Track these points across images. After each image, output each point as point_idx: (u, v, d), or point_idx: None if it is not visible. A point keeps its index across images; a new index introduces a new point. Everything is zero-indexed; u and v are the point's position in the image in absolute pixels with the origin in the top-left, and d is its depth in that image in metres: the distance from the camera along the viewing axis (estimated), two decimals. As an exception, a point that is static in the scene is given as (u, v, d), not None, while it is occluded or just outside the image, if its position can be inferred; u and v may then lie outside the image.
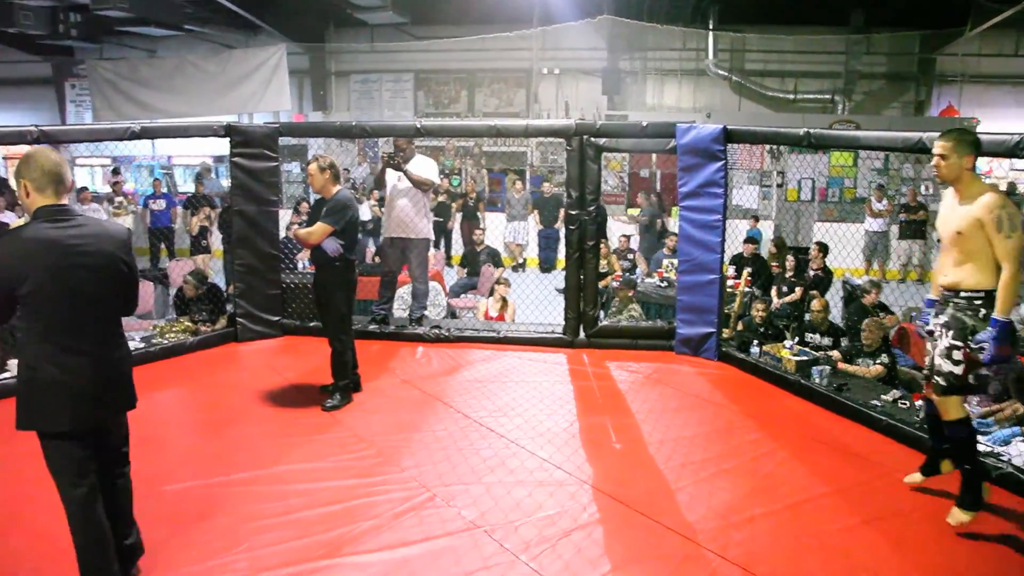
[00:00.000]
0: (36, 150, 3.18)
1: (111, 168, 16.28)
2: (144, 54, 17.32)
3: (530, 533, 3.86)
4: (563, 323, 7.15)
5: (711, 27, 14.79)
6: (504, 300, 8.08)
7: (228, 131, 7.08)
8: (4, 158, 18.30)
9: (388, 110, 16.55)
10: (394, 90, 16.64)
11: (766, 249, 11.23)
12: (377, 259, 9.51)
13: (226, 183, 15.73)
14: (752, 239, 10.38)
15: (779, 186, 14.56)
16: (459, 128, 11.16)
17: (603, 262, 8.79)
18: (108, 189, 14.39)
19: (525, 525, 3.93)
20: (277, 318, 7.37)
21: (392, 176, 7.07)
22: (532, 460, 4.69)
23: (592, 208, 6.95)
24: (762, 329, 7.39)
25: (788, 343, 6.65)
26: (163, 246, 12.98)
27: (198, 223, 11.47)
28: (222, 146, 7.28)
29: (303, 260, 9.19)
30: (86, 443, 3.15)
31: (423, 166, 7.05)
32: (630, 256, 11.42)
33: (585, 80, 16.00)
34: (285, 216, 9.45)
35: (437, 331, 7.20)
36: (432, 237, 7.48)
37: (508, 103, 16.40)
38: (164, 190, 13.73)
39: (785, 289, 9.19)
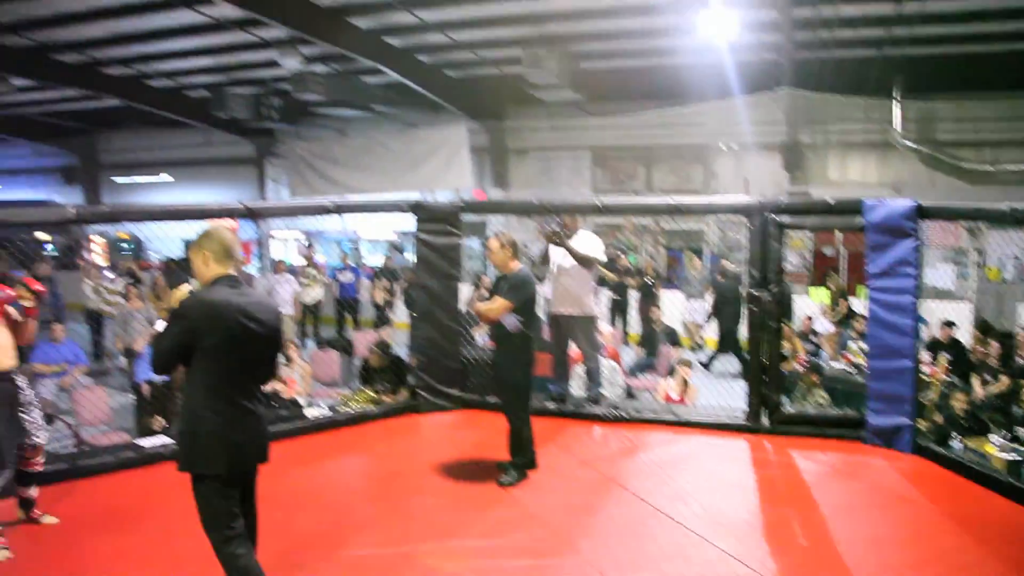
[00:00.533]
0: (216, 227, 3.64)
1: (305, 243, 17.46)
2: (336, 134, 18.62)
3: (711, 630, 3.74)
4: (745, 408, 6.96)
5: (896, 96, 14.23)
6: (685, 382, 7.97)
7: (414, 208, 7.47)
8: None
9: (566, 187, 16.85)
10: (572, 167, 16.96)
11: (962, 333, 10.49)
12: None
13: (410, 257, 16.54)
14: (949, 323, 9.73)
15: (979, 265, 13.65)
16: (639, 206, 11.22)
17: (786, 345, 8.51)
18: (301, 261, 15.39)
19: (705, 621, 3.82)
20: (456, 392, 7.57)
21: (557, 253, 7.18)
22: (711, 551, 4.55)
23: (775, 288, 6.79)
24: (963, 422, 6.89)
25: (995, 438, 6.16)
26: (348, 316, 13.68)
27: (383, 295, 12.07)
28: (407, 222, 7.66)
29: (482, 335, 9.44)
30: (234, 490, 3.48)
31: (587, 242, 7.12)
32: (813, 338, 10.99)
33: (764, 155, 15.74)
34: (465, 291, 9.76)
35: (615, 411, 7.17)
36: (597, 314, 7.52)
37: (686, 179, 16.35)
38: (351, 263, 14.55)
39: (989, 378, 8.55)
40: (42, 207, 14.94)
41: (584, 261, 7.02)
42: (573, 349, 7.45)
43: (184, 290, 3.57)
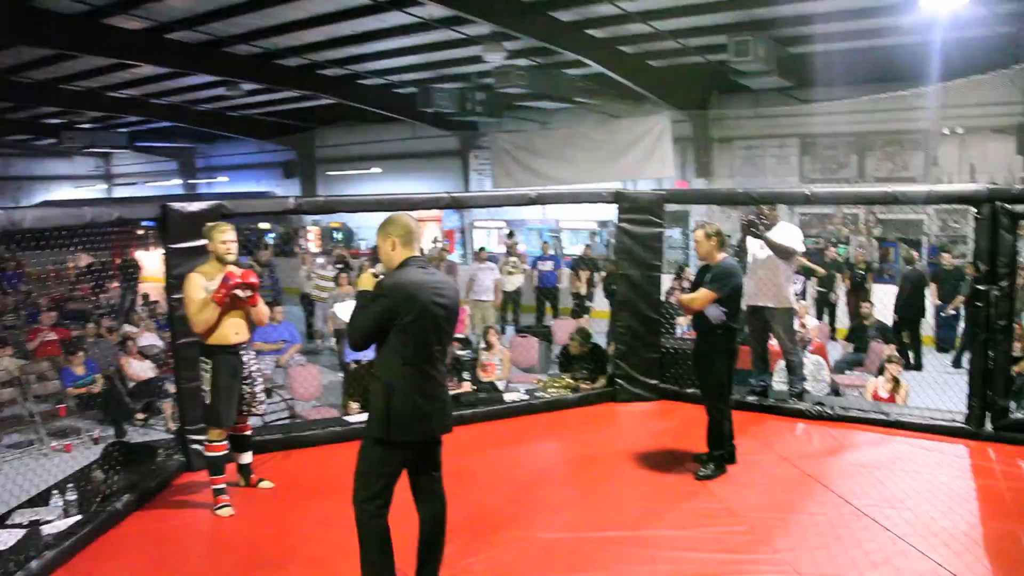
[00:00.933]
0: (399, 214, 3.85)
1: (506, 232, 17.95)
2: (538, 126, 18.98)
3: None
4: (965, 411, 6.49)
5: None
6: (896, 380, 7.54)
7: (617, 197, 7.53)
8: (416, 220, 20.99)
9: (772, 176, 16.34)
10: (779, 155, 16.42)
11: None
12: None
13: (611, 247, 16.55)
14: None
15: None
16: (851, 195, 10.67)
17: (1017, 345, 7.85)
18: (503, 250, 15.83)
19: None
20: (655, 381, 7.57)
21: (754, 244, 6.99)
22: (923, 562, 4.30)
23: (1005, 284, 6.27)
24: None
25: None
26: (548, 304, 13.95)
27: (583, 284, 12.23)
28: (608, 211, 7.73)
29: (682, 325, 9.37)
30: (406, 458, 3.69)
31: (785, 233, 6.88)
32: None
33: (995, 139, 14.51)
34: (666, 281, 9.72)
35: (819, 408, 6.92)
36: (796, 306, 7.26)
37: (902, 167, 15.39)
38: (552, 252, 14.81)
39: None
40: (265, 198, 16.17)
41: (782, 252, 6.82)
42: (773, 342, 7.26)
43: (369, 274, 3.84)
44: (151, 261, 15.79)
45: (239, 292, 5.00)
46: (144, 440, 6.83)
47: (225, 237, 5.12)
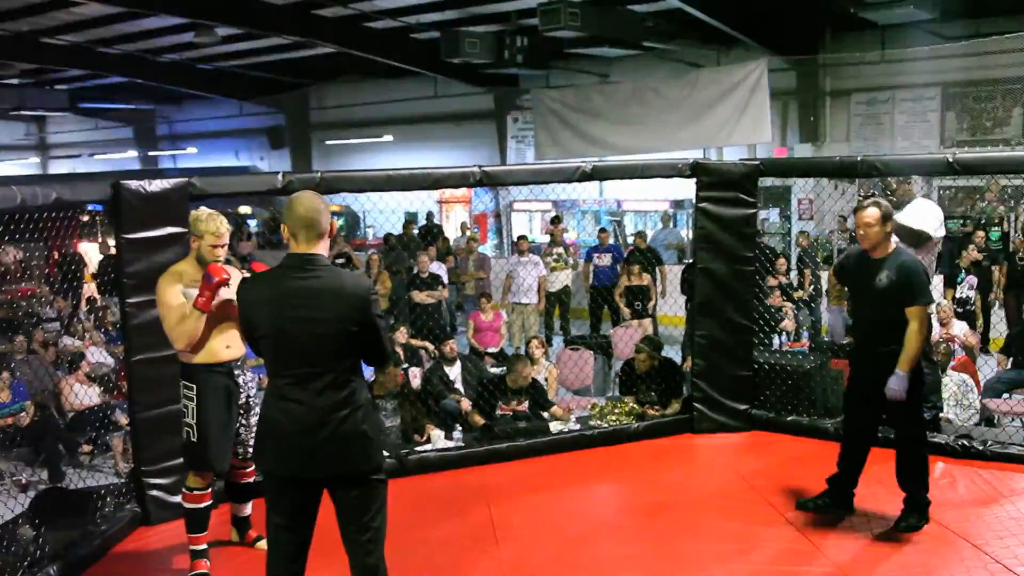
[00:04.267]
0: (297, 195, 3.94)
1: (551, 216, 17.87)
2: (595, 79, 18.93)
3: None
4: None
5: None
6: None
7: (695, 170, 7.50)
8: (439, 202, 21.09)
9: (902, 139, 16.13)
10: (912, 111, 16.18)
11: None
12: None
13: (686, 234, 16.46)
14: None
15: None
16: (1012, 160, 10.39)
17: None
18: (547, 239, 15.79)
19: None
20: (745, 407, 7.54)
21: None
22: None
23: None
24: None
25: None
26: (606, 308, 13.86)
27: (636, 281, 12.11)
28: (684, 188, 7.69)
29: (785, 333, 9.29)
30: (297, 503, 3.87)
31: (920, 213, 6.78)
32: None
33: None
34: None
35: (965, 442, 6.83)
36: (933, 309, 7.15)
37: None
38: (611, 241, 14.74)
39: None
40: (246, 175, 16.33)
41: (914, 238, 6.71)
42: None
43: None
44: (99, 255, 15.98)
45: (226, 293, 4.97)
46: (87, 486, 6.81)
47: (217, 230, 5.05)
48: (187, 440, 5.10)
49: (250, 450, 5.23)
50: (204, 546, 5.16)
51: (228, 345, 5.13)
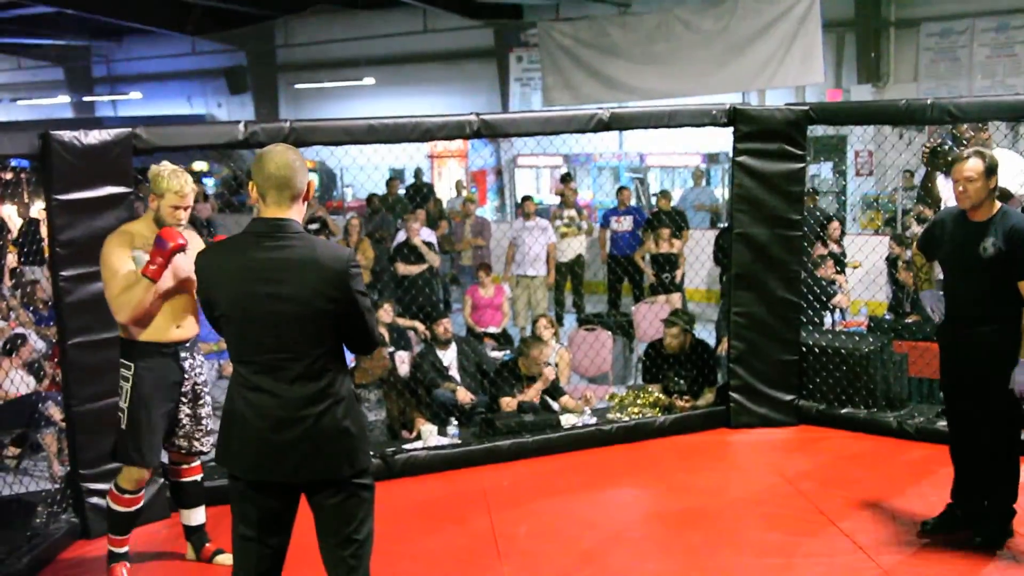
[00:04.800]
0: (268, 149, 3.89)
1: (561, 173, 17.84)
2: (614, 10, 18.85)
3: None
4: None
5: None
6: None
7: (732, 117, 7.49)
8: (429, 156, 21.05)
9: (983, 77, 16.05)
10: (995, 43, 16.10)
11: None
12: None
13: (721, 193, 16.39)
14: None
15: None
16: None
17: None
18: (556, 200, 15.75)
19: None
20: (791, 397, 7.57)
21: (947, 186, 6.86)
22: None
23: None
24: None
25: None
26: (627, 281, 13.83)
27: (665, 248, 12.08)
28: (719, 140, 7.67)
29: (839, 311, 9.27)
30: (266, 511, 3.84)
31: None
32: None
33: None
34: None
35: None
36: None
37: None
38: (633, 203, 14.69)
39: None
40: (200, 125, 16.31)
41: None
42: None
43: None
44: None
45: (183, 263, 4.97)
46: (15, 493, 6.86)
47: (180, 189, 5.03)
48: (119, 427, 5.13)
49: (195, 444, 5.34)
50: (125, 549, 5.22)
51: (178, 324, 5.17)
